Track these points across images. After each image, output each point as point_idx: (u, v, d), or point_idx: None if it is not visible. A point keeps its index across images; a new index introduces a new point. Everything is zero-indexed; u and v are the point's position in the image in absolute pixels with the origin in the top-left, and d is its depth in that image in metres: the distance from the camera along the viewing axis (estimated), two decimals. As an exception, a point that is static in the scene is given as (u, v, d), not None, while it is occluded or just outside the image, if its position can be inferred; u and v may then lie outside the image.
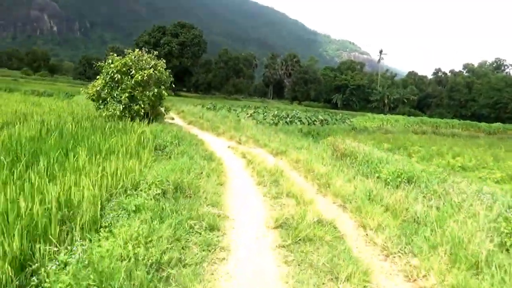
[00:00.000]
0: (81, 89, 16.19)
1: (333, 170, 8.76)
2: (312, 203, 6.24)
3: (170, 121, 19.80)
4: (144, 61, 15.45)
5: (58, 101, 21.59)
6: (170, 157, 8.98)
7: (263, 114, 27.84)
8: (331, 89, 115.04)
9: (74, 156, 6.64)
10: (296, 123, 25.26)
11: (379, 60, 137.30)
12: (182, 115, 22.66)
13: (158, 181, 5.72)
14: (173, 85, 17.09)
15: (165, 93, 15.79)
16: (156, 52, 16.42)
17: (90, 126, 11.40)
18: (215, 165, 8.60)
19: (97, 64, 15.72)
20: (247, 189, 7.30)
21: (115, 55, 15.65)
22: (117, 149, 8.17)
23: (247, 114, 26.57)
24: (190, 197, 5.82)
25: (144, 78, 14.84)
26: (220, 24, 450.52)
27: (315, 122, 27.12)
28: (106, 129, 10.41)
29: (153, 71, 15.11)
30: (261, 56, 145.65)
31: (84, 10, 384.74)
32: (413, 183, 7.96)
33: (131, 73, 14.90)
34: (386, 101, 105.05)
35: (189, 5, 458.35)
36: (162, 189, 5.64)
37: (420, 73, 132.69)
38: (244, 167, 9.47)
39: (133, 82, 14.74)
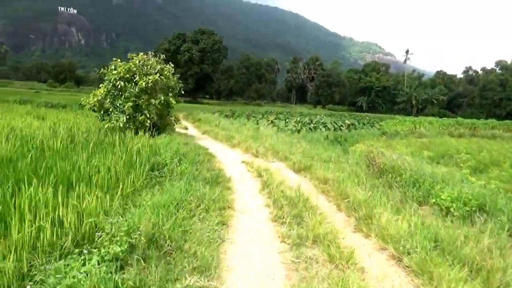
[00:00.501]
0: (82, 99, 14.71)
1: (374, 194, 6.68)
2: (352, 256, 4.24)
3: (183, 131, 18.17)
4: (149, 66, 13.86)
5: (67, 113, 20.38)
6: (166, 180, 7.18)
7: (285, 120, 25.86)
8: (356, 91, 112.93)
9: (26, 191, 4.91)
10: (320, 129, 23.16)
11: (405, 61, 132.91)
12: (197, 124, 21.06)
13: (124, 230, 3.87)
14: (182, 92, 15.42)
15: (173, 101, 14.08)
16: (163, 56, 14.82)
17: (82, 142, 9.81)
18: (220, 192, 6.69)
19: (100, 71, 14.25)
20: (259, 230, 5.33)
21: (119, 60, 14.13)
22: (97, 173, 6.46)
23: (268, 121, 24.67)
24: (170, 254, 3.93)
25: (149, 85, 13.22)
26: (242, 31, 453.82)
27: (341, 128, 24.91)
28: (91, 147, 8.66)
29: (159, 77, 13.47)
30: (283, 61, 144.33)
31: (110, 22, 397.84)
32: (488, 213, 5.83)
33: (135, 80, 13.33)
34: (413, 102, 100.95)
35: (211, 14, 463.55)
36: (129, 243, 3.80)
37: (448, 73, 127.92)
38: (258, 190, 7.53)
39: (137, 90, 13.15)
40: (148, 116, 13.32)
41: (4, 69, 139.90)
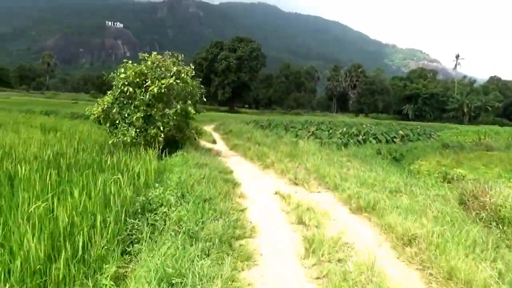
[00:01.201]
0: (86, 109, 12.43)
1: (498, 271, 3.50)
2: None
3: (209, 145, 15.55)
4: (164, 68, 11.35)
5: (86, 124, 18.47)
6: (147, 242, 4.41)
7: (328, 131, 22.62)
8: (401, 99, 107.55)
9: None
10: (370, 141, 19.76)
11: (455, 66, 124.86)
12: (227, 137, 18.40)
13: None
14: (204, 99, 12.74)
15: (192, 110, 11.39)
16: (183, 55, 12.27)
17: (60, 164, 7.34)
18: (232, 270, 3.76)
19: (107, 76, 11.94)
20: None
21: (130, 62, 11.75)
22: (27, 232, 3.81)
23: (309, 132, 21.58)
24: None
25: (163, 91, 10.68)
26: (282, 40, 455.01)
27: (394, 139, 21.29)
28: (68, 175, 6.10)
29: (174, 81, 10.90)
30: (323, 70, 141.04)
31: (154, 35, 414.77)
32: None
33: (146, 85, 10.85)
34: (465, 110, 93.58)
35: (253, 25, 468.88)
36: None
37: (503, 78, 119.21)
38: (299, 258, 4.51)
39: (148, 97, 10.64)
40: (161, 129, 10.75)
41: (54, 81, 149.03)
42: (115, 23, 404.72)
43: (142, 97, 10.71)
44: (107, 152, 9.82)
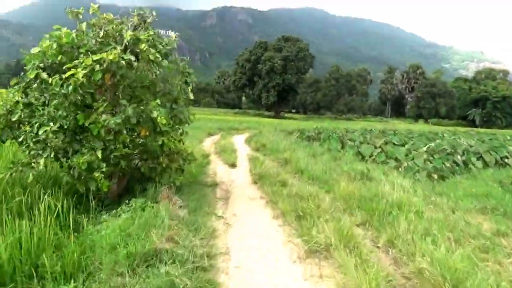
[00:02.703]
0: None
1: None
2: None
3: (223, 170, 9.81)
4: (111, 32, 5.73)
5: None
6: None
7: (405, 146, 15.96)
8: (465, 103, 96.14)
9: None
10: (473, 164, 12.98)
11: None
12: (257, 155, 12.53)
13: None
14: (192, 97, 6.85)
15: (161, 119, 5.44)
16: (154, 13, 6.53)
17: None
18: None
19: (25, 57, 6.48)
20: None
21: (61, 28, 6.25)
22: None
23: (375, 147, 15.10)
24: None
25: (97, 80, 5.09)
26: (330, 44, 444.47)
27: (505, 160, 14.29)
28: None
29: (128, 54, 5.27)
30: (375, 73, 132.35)
31: (204, 42, 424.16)
32: None
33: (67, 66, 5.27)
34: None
35: (299, 28, 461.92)
36: None
37: None
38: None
39: (70, 90, 5.12)
40: (98, 156, 5.17)
41: None
42: (167, 31, 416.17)
43: (62, 91, 5.18)
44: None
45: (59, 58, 5.54)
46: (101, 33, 5.60)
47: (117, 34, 5.71)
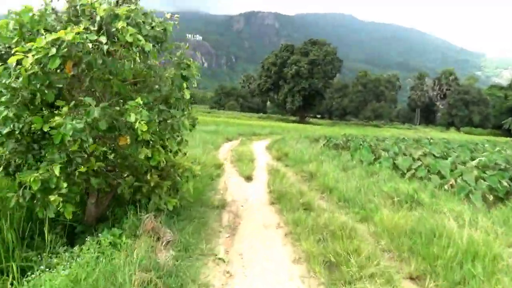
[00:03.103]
0: None
1: None
2: None
3: (236, 183, 8.28)
4: (87, 9, 4.32)
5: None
6: None
7: (447, 159, 13.92)
8: (501, 111, 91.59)
9: None
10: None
11: None
12: (278, 166, 10.94)
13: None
14: (188, 96, 5.36)
15: (141, 124, 4.00)
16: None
17: None
18: None
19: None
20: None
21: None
22: None
23: (414, 159, 13.15)
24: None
25: (55, 68, 3.70)
26: (357, 50, 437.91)
27: None
28: None
29: (101, 35, 3.87)
30: (402, 79, 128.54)
31: (231, 46, 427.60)
32: None
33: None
34: None
35: (326, 33, 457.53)
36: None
37: None
38: None
39: (20, 82, 3.76)
40: (56, 172, 3.77)
41: None
42: (195, 36, 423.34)
43: (12, 84, 3.81)
44: None
45: (14, 41, 4.18)
46: (73, 10, 4.19)
47: (93, 10, 4.28)
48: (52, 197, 3.85)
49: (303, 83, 59.77)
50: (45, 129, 3.93)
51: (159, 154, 4.58)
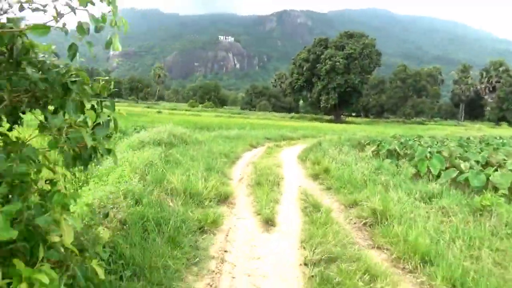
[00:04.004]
0: None
1: None
2: None
3: (247, 245, 4.56)
4: None
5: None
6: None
7: None
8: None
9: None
10: None
11: None
12: (315, 197, 7.15)
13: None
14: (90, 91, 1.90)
15: None
16: None
17: None
18: None
19: None
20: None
21: None
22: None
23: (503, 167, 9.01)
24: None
25: None
26: (394, 45, 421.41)
27: None
28: None
29: None
30: (444, 73, 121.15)
31: (263, 46, 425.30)
32: None
33: None
34: None
35: (361, 29, 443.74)
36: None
37: None
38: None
39: None
40: None
41: (168, 92, 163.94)
42: (227, 37, 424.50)
43: None
44: None
45: None
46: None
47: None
48: None
49: (339, 79, 54.81)
50: None
51: None
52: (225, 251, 4.30)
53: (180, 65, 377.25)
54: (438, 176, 9.50)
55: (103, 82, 2.23)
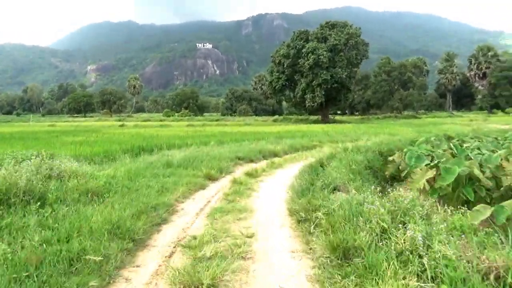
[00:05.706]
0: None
1: None
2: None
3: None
4: None
5: None
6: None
7: None
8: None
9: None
10: None
11: None
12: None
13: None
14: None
15: None
16: None
17: None
18: None
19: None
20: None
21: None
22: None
23: None
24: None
25: None
26: (372, 41, 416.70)
27: None
28: None
29: None
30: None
31: (241, 51, 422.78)
32: None
33: None
34: None
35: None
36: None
37: None
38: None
39: None
40: None
41: (147, 104, 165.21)
42: (205, 44, 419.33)
43: None
44: None
45: None
46: None
47: None
48: None
49: (324, 74, 48.92)
50: None
51: None
52: None
53: (160, 75, 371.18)
54: None
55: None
